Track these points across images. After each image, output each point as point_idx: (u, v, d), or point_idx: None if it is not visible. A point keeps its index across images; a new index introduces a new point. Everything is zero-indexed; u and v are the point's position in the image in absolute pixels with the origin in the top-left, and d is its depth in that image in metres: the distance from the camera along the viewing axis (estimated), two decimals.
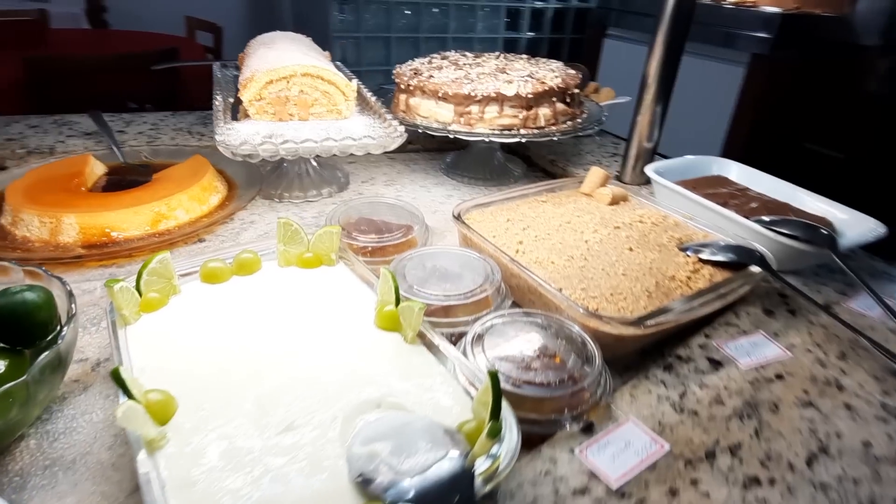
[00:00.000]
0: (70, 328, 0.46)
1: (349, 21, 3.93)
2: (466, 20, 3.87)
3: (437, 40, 3.92)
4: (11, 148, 0.99)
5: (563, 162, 1.07)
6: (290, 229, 0.65)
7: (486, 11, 3.89)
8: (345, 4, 3.89)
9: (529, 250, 0.68)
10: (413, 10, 3.82)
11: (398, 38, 3.97)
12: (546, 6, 3.97)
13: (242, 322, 0.55)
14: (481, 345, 0.52)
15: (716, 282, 0.63)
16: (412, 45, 4.01)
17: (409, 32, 3.95)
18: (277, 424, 0.42)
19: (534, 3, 3.96)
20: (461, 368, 0.48)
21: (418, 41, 3.97)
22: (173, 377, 0.47)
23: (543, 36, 4.07)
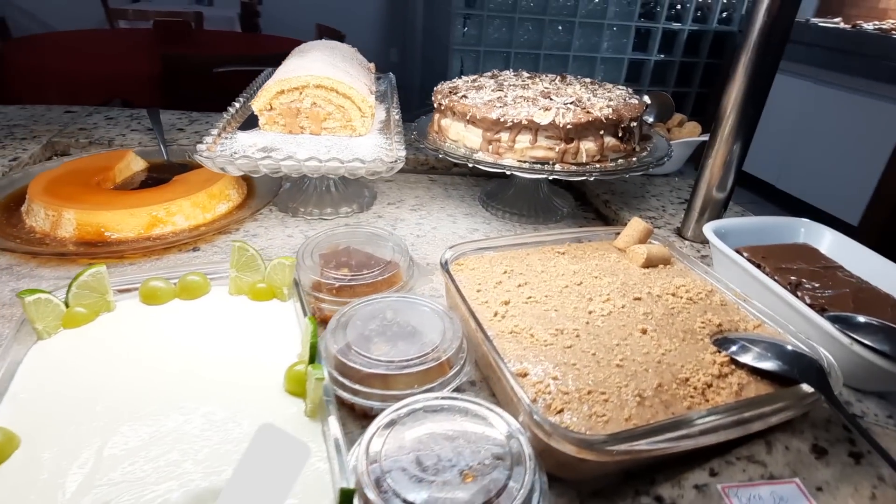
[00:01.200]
0: None
1: (472, 35, 3.93)
2: (591, 39, 3.69)
3: (559, 58, 3.77)
4: (78, 137, 1.05)
5: (618, 204, 0.91)
6: (246, 255, 0.59)
7: (613, 31, 3.67)
8: (469, 18, 3.90)
9: (512, 314, 0.56)
10: (536, 27, 3.72)
11: (519, 53, 3.89)
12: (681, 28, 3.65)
13: (151, 355, 0.50)
14: (386, 439, 0.41)
15: (745, 398, 0.47)
16: (532, 61, 3.91)
17: (530, 48, 3.85)
18: (92, 502, 0.35)
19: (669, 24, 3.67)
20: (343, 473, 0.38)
21: (539, 57, 3.86)
22: (39, 410, 0.43)
23: (674, 59, 3.75)
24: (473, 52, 3.93)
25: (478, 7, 3.73)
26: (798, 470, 0.44)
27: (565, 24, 3.66)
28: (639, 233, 0.69)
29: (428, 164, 1.07)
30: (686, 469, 0.44)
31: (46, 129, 1.08)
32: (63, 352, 0.49)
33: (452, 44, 3.93)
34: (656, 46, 3.75)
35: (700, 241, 0.80)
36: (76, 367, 0.48)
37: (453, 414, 0.44)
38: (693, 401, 0.46)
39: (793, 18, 0.63)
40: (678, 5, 3.68)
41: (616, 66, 3.75)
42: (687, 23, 3.69)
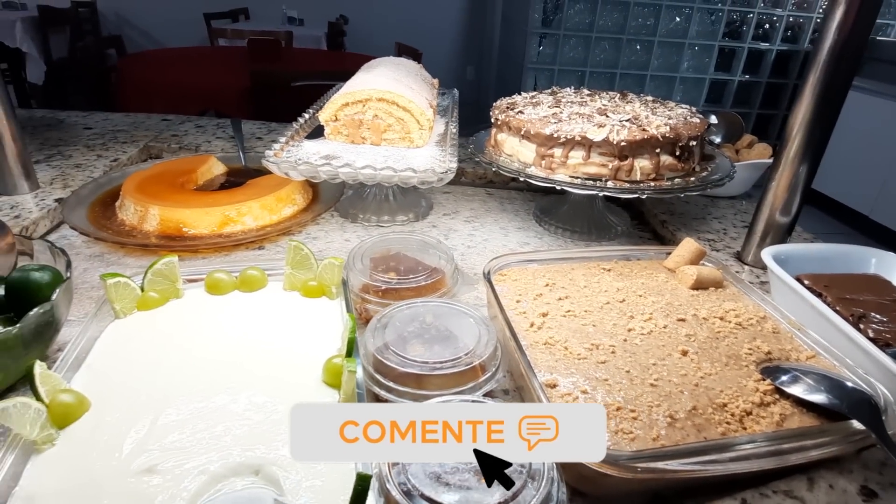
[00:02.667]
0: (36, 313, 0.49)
1: (547, 53, 3.94)
2: (670, 58, 3.59)
3: (635, 77, 3.70)
4: (170, 143, 1.16)
5: (676, 224, 0.89)
6: (300, 254, 0.63)
7: (694, 50, 3.55)
8: (545, 38, 3.91)
9: (549, 326, 0.56)
10: (613, 46, 3.67)
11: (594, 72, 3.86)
12: (769, 47, 3.48)
13: (209, 340, 0.54)
14: None
15: (786, 429, 0.45)
16: (608, 80, 3.86)
17: (606, 68, 3.81)
18: (142, 463, 0.40)
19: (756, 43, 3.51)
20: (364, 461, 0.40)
21: (615, 76, 3.80)
22: (109, 380, 0.48)
23: (760, 80, 3.57)
24: (548, 71, 3.93)
25: (554, 26, 3.73)
26: None
27: (644, 44, 3.59)
28: (690, 253, 0.67)
29: (486, 177, 1.09)
30: (715, 497, 0.43)
31: (144, 134, 1.19)
32: (135, 331, 0.55)
33: (527, 62, 3.95)
34: (741, 67, 3.59)
35: (761, 266, 0.77)
36: (144, 345, 0.53)
37: None
38: (729, 427, 0.45)
39: (867, 35, 0.60)
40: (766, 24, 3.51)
41: (695, 85, 3.62)
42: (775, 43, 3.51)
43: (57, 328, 0.53)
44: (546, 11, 3.79)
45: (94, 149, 1.09)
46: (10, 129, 0.85)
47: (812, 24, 3.46)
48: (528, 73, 3.99)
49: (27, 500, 0.37)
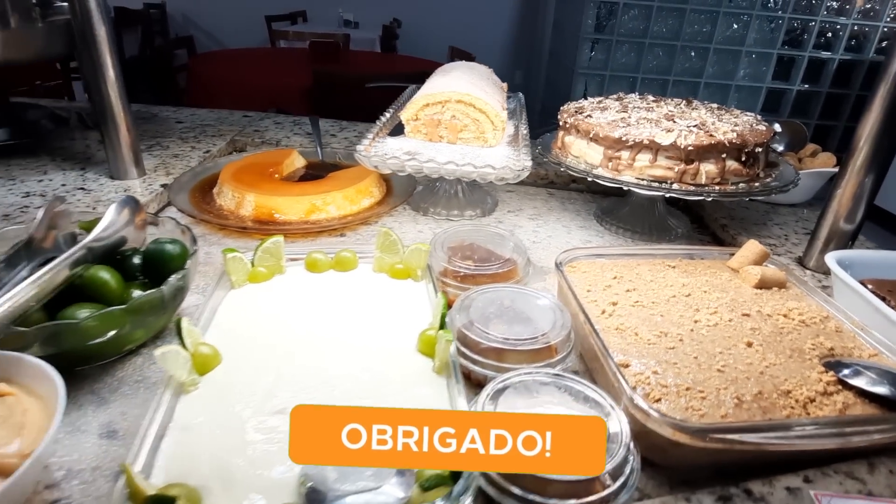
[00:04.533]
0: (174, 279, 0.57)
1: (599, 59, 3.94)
2: (726, 66, 3.54)
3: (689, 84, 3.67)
4: (253, 137, 1.25)
5: (737, 229, 0.91)
6: (389, 239, 0.69)
7: (751, 58, 3.49)
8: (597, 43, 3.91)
9: (619, 314, 0.61)
10: (667, 52, 3.65)
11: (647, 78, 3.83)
12: (831, 56, 3.38)
13: (313, 310, 0.61)
14: (498, 399, 0.48)
15: (848, 416, 0.48)
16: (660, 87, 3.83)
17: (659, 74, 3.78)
18: (273, 406, 0.47)
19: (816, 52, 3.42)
20: None
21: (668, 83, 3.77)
22: (235, 339, 0.55)
23: (820, 90, 3.48)
24: (598, 77, 3.93)
25: (607, 32, 3.74)
26: None
27: (699, 50, 3.55)
28: (754, 255, 0.70)
29: (547, 178, 1.14)
30: (779, 474, 0.47)
31: (229, 129, 1.29)
32: (249, 300, 0.63)
33: (578, 67, 3.96)
34: (800, 76, 3.50)
35: (822, 271, 0.79)
36: (258, 313, 0.60)
37: (559, 388, 0.50)
38: (793, 411, 0.48)
39: None
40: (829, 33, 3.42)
41: (751, 94, 3.56)
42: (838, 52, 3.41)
43: (185, 293, 0.61)
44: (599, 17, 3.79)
45: (188, 141, 1.19)
46: (125, 120, 0.95)
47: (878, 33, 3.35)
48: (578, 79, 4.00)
49: (182, 429, 0.44)
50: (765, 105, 3.59)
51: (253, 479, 0.40)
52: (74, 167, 1.01)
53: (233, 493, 0.39)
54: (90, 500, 0.44)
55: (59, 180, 0.96)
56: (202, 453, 0.42)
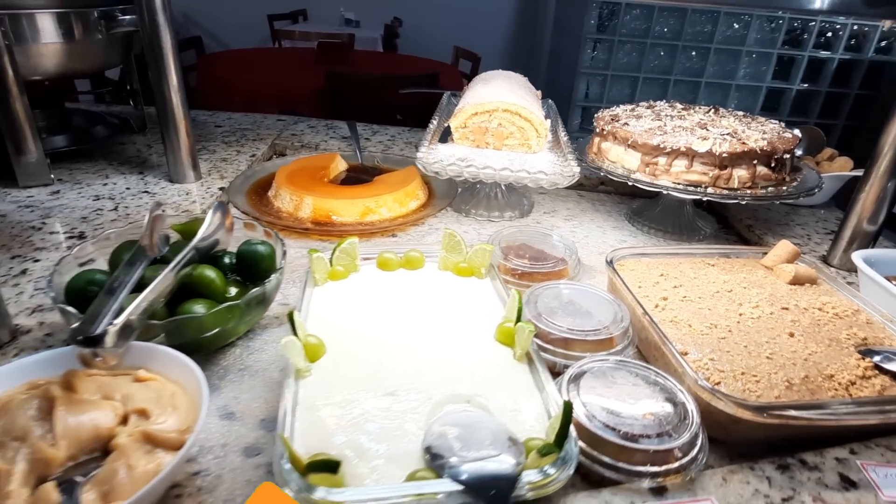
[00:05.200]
0: (275, 276, 0.63)
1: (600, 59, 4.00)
2: (727, 65, 3.61)
3: (689, 84, 3.74)
4: (292, 141, 1.31)
5: (762, 229, 0.98)
6: (454, 240, 0.75)
7: (752, 58, 3.57)
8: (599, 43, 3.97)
9: (671, 308, 0.67)
10: (668, 52, 3.71)
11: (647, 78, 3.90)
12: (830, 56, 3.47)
13: (393, 305, 0.67)
14: (580, 381, 0.55)
15: (887, 396, 0.55)
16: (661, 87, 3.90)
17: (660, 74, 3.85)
18: (385, 388, 0.53)
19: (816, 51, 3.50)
20: (552, 394, 0.52)
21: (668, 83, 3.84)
22: (331, 331, 0.61)
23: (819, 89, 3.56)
24: (600, 76, 3.99)
25: (609, 32, 3.80)
26: None
27: (700, 50, 3.62)
28: (787, 254, 0.77)
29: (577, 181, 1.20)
30: (827, 447, 0.53)
31: (268, 133, 1.35)
32: (332, 296, 0.68)
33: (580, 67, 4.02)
34: (800, 75, 3.58)
35: (846, 269, 0.86)
36: (344, 307, 0.66)
37: (630, 373, 0.56)
38: (837, 392, 0.55)
39: None
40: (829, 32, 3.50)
41: (752, 94, 3.63)
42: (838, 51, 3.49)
43: (277, 290, 0.67)
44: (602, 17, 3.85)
45: (232, 145, 1.24)
46: (185, 125, 1.00)
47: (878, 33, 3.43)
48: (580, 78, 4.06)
49: (310, 409, 0.50)
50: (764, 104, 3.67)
51: (379, 449, 0.46)
52: (133, 171, 1.07)
53: (365, 460, 0.45)
54: (225, 472, 0.50)
55: (122, 184, 1.01)
56: (331, 429, 0.48)
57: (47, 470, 0.44)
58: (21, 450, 0.45)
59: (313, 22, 5.40)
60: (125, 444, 0.45)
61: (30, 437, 0.45)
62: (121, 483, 0.43)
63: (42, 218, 0.86)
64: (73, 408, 0.47)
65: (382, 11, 5.27)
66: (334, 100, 2.82)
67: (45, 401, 0.47)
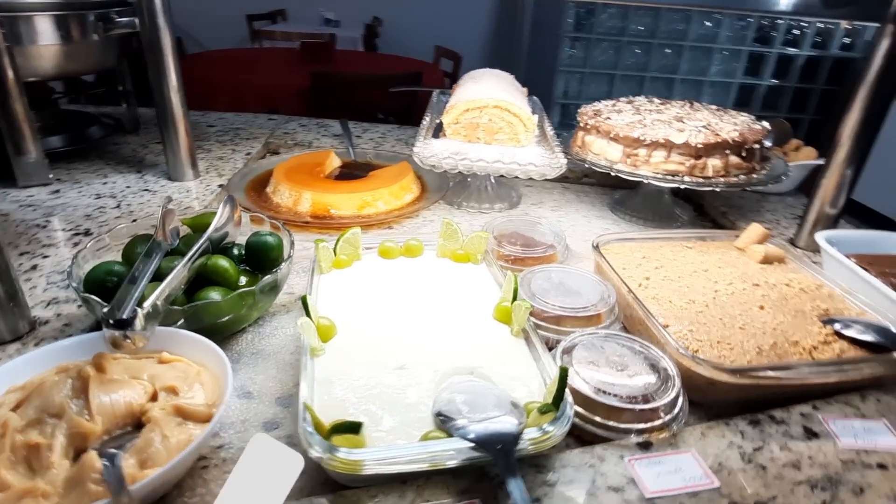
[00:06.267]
0: (286, 265, 0.67)
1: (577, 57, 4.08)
2: (700, 63, 3.72)
3: (664, 81, 3.84)
4: (285, 140, 1.34)
5: (735, 215, 1.05)
6: (451, 228, 0.80)
7: (724, 55, 3.68)
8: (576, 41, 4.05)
9: (653, 286, 0.73)
10: (643, 49, 3.81)
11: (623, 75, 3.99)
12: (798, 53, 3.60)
13: (396, 289, 0.72)
14: (572, 352, 0.60)
15: (843, 357, 0.61)
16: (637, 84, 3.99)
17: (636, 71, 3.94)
18: (395, 363, 0.57)
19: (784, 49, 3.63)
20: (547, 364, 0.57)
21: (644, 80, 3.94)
22: (341, 313, 0.65)
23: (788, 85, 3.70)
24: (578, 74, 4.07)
25: (586, 30, 3.88)
26: (886, 414, 0.58)
27: (674, 48, 3.72)
28: (757, 236, 0.83)
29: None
30: (792, 405, 0.59)
31: (260, 132, 1.38)
32: (338, 283, 0.73)
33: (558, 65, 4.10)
34: (770, 72, 3.71)
35: (812, 250, 0.92)
36: (351, 292, 0.70)
37: (618, 344, 0.62)
38: (801, 356, 0.61)
39: None
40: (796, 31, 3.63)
41: (724, 90, 3.74)
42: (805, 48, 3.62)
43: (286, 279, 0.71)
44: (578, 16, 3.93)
45: (227, 144, 1.27)
46: (184, 125, 1.03)
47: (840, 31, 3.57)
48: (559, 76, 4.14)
49: (325, 382, 0.54)
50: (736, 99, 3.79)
51: (393, 415, 0.51)
52: (131, 170, 1.09)
53: (380, 426, 0.50)
54: (247, 445, 0.54)
55: (122, 183, 1.03)
56: (346, 399, 0.52)
57: (85, 443, 0.48)
58: (59, 425, 0.48)
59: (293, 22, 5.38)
60: (159, 417, 0.49)
61: (67, 413, 0.49)
62: (157, 451, 0.47)
63: (45, 216, 0.89)
64: (105, 386, 0.51)
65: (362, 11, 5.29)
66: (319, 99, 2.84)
67: (80, 380, 0.51)
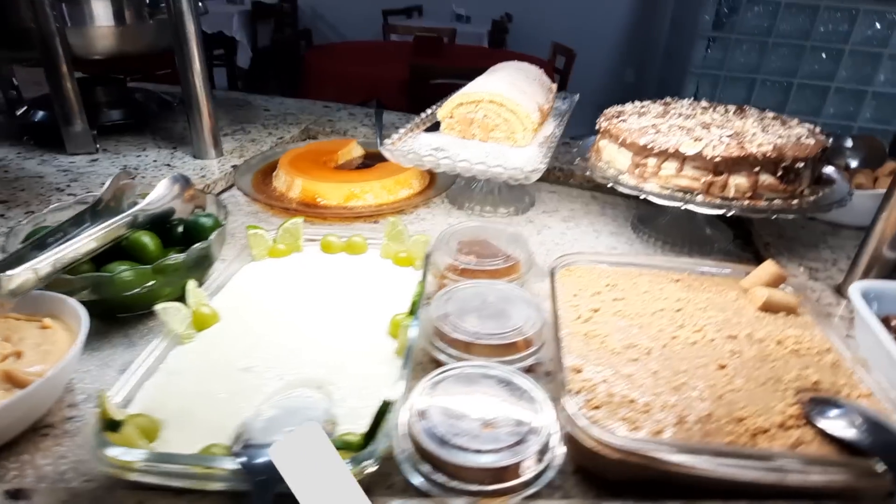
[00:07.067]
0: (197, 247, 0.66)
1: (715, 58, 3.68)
2: (863, 70, 3.14)
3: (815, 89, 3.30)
4: (324, 127, 1.36)
5: (780, 248, 0.85)
6: (396, 228, 0.74)
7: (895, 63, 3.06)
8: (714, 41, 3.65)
9: (595, 321, 0.61)
10: (793, 53, 3.31)
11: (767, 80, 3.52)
12: None
13: (313, 287, 0.68)
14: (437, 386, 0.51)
15: (793, 451, 0.45)
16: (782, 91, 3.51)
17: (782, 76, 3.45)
18: (244, 363, 0.54)
19: None
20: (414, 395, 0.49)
21: (791, 87, 3.43)
22: (239, 303, 0.64)
23: None
24: (712, 77, 3.67)
25: (726, 29, 3.47)
26: None
27: (831, 52, 3.18)
28: (769, 275, 0.66)
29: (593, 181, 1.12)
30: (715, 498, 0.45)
31: (308, 117, 1.41)
32: (264, 272, 0.71)
33: (691, 66, 3.73)
34: None
35: None
36: (268, 284, 0.68)
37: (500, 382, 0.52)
38: (738, 439, 0.46)
39: None
40: None
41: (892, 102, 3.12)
42: None
43: (211, 261, 0.71)
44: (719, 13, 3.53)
45: (268, 127, 1.32)
46: (207, 107, 1.08)
47: None
48: (690, 79, 3.76)
49: (169, 373, 0.53)
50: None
51: (206, 421, 0.47)
52: (168, 146, 1.17)
53: (186, 429, 0.47)
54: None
55: (152, 157, 1.12)
56: (177, 394, 0.50)
57: None
58: None
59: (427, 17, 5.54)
60: None
61: None
62: None
63: (71, 181, 0.98)
64: None
65: (494, 7, 5.26)
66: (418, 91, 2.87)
67: None
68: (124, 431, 0.43)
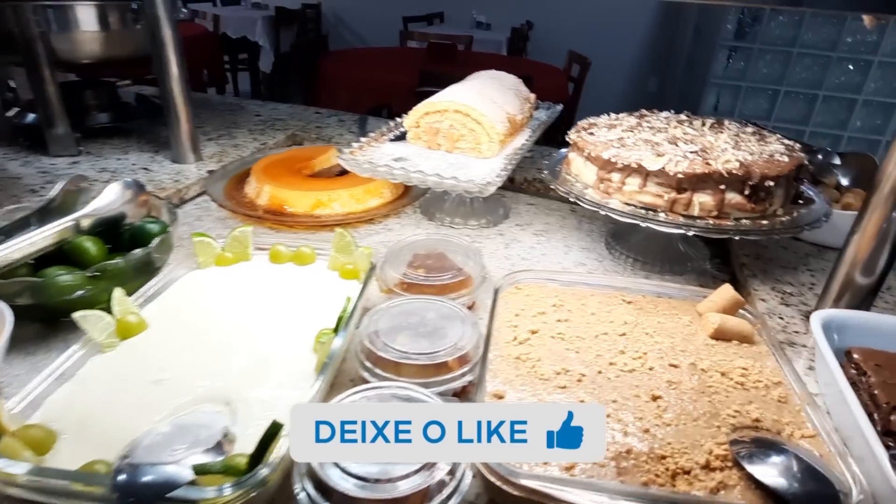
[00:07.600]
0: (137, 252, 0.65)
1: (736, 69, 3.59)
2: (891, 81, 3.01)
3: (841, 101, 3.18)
4: (311, 133, 1.36)
5: (755, 269, 0.80)
6: (344, 240, 0.73)
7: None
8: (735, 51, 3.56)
9: (531, 344, 0.58)
10: (818, 63, 3.20)
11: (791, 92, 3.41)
12: None
13: (254, 299, 0.66)
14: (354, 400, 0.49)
15: (711, 499, 0.42)
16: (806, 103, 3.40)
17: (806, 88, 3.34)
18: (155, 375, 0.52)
19: None
20: None
21: (816, 98, 3.32)
22: (171, 313, 0.62)
23: None
24: (733, 88, 3.58)
25: (749, 39, 3.38)
26: None
27: (859, 63, 3.07)
28: (725, 301, 0.62)
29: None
30: None
31: (296, 124, 1.41)
32: (206, 281, 0.69)
33: (711, 77, 3.64)
34: None
35: None
36: (208, 293, 0.67)
37: None
38: (655, 479, 0.43)
39: None
40: None
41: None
42: None
43: (154, 267, 0.70)
44: (742, 22, 3.45)
45: (254, 133, 1.32)
46: (185, 111, 1.08)
47: None
48: (709, 89, 3.68)
49: (81, 381, 0.52)
50: None
51: (103, 435, 0.46)
52: (150, 150, 1.18)
53: (81, 443, 0.45)
54: None
55: (132, 160, 1.12)
56: (82, 405, 0.49)
57: None
58: None
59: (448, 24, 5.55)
60: None
61: None
62: None
63: (45, 182, 0.99)
64: None
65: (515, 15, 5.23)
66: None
67: None
68: (6, 443, 0.42)
